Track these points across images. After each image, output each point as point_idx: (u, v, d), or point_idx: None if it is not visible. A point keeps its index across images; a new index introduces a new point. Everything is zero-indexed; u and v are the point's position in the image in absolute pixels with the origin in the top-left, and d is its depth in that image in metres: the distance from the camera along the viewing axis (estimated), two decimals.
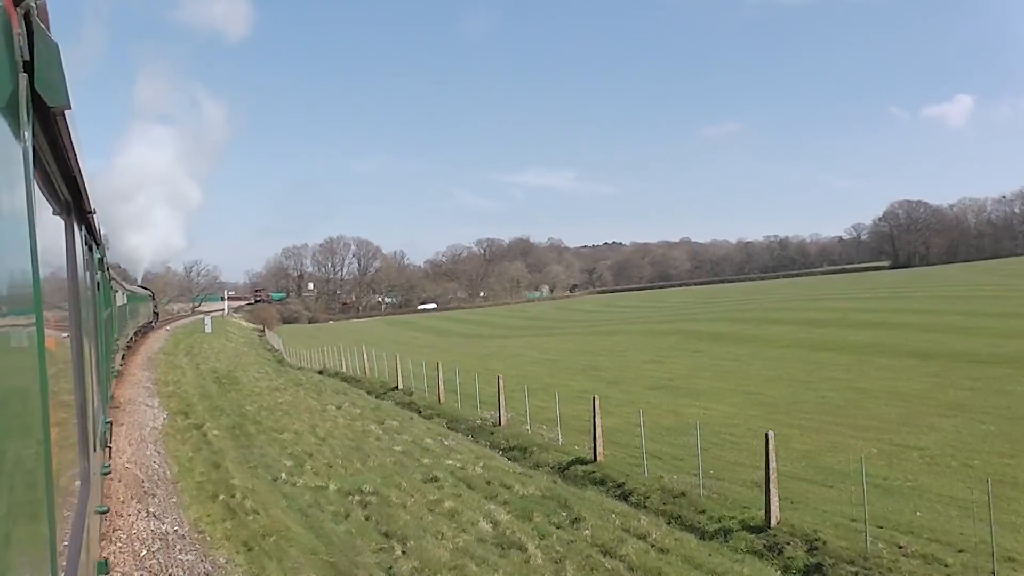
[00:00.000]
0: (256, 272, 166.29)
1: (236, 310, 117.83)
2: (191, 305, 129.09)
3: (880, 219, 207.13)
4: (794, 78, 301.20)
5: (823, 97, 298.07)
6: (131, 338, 32.04)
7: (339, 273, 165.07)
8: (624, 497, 13.22)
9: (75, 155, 3.04)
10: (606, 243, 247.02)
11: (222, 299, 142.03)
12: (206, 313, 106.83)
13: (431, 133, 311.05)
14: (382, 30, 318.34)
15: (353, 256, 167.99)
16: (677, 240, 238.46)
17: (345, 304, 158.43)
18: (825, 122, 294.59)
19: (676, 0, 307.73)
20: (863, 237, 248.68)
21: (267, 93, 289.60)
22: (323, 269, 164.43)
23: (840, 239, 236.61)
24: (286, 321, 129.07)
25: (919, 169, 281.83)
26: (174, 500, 11.15)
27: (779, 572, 9.67)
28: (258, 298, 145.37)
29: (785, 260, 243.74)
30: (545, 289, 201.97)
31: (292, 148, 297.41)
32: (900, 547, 9.73)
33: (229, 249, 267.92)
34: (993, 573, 8.75)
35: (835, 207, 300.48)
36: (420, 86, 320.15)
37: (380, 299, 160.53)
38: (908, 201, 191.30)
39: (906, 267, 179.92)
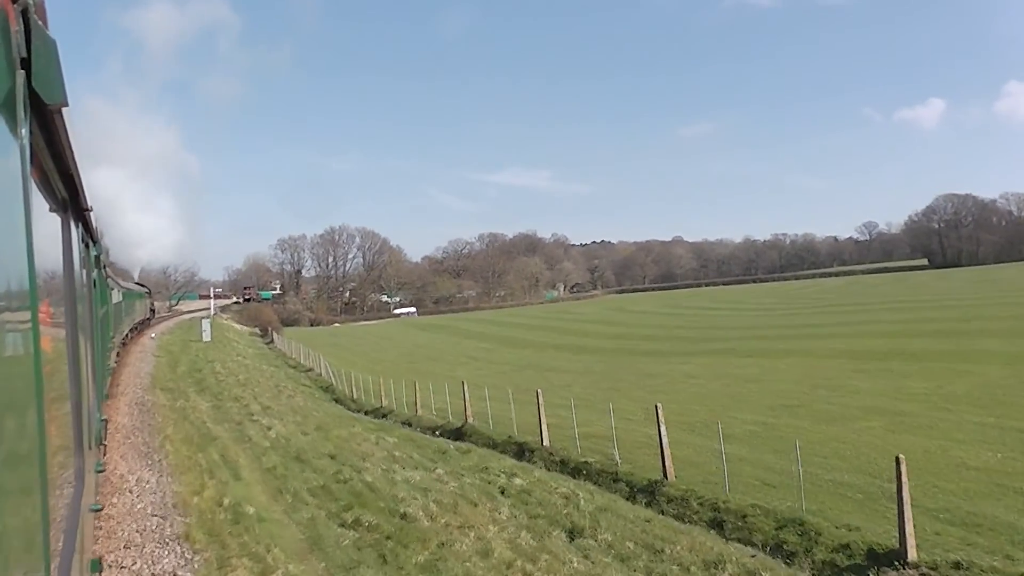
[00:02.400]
0: (236, 268, 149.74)
1: (223, 310, 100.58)
2: (168, 304, 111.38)
3: (918, 214, 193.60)
4: (770, 80, 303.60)
5: (800, 100, 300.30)
6: (126, 335, 30.82)
7: (342, 268, 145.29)
8: None
9: (72, 153, 3.00)
10: (594, 241, 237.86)
11: (200, 297, 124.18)
12: (194, 313, 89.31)
13: (408, 132, 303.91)
14: (358, 28, 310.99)
15: (357, 248, 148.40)
16: (670, 239, 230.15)
17: (348, 303, 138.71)
18: (802, 124, 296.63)
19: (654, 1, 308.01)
20: (872, 235, 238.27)
21: (243, 88, 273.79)
22: (323, 264, 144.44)
23: (835, 239, 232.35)
24: (284, 323, 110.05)
25: (895, 171, 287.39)
26: None
27: None
28: (247, 296, 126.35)
29: (794, 259, 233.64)
30: (561, 288, 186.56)
31: (268, 145, 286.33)
32: None
33: (205, 245, 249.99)
34: None
35: (810, 208, 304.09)
36: (397, 84, 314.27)
37: (388, 298, 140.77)
38: (955, 195, 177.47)
39: (955, 266, 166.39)
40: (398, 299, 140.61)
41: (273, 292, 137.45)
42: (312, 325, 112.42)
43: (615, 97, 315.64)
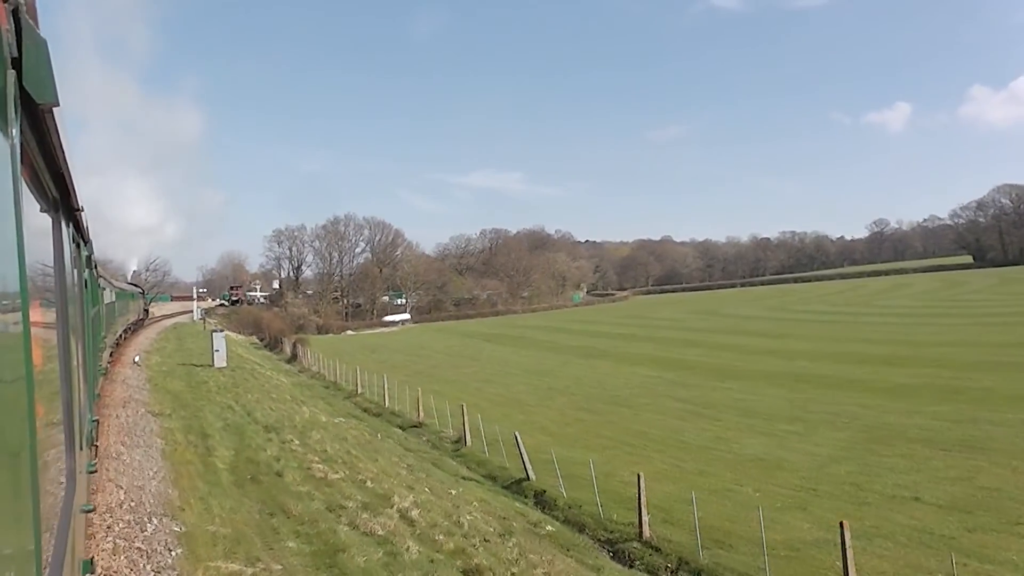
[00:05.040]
0: (210, 268, 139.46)
1: (207, 313, 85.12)
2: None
3: (966, 208, 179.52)
4: (739, 84, 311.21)
5: (771, 104, 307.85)
6: (120, 336, 29.34)
7: (348, 264, 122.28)
8: None
9: (63, 152, 2.94)
10: (578, 241, 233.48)
11: (172, 299, 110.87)
12: (175, 319, 74.10)
13: (377, 134, 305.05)
14: (326, 25, 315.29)
15: (366, 242, 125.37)
16: (658, 238, 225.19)
17: (357, 306, 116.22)
18: (774, 127, 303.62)
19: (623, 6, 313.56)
20: (886, 232, 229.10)
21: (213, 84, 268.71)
22: (326, 259, 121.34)
23: (829, 238, 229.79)
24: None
25: (862, 170, 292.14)
26: None
27: None
28: (235, 297, 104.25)
29: (804, 259, 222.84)
30: (584, 288, 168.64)
31: (234, 143, 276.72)
32: None
33: (178, 243, 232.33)
34: None
35: (789, 209, 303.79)
36: (368, 85, 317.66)
37: (404, 299, 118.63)
38: (1015, 185, 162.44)
39: (1017, 263, 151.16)
40: (413, 301, 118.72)
41: (252, 293, 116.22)
42: (320, 332, 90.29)
43: (586, 101, 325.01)
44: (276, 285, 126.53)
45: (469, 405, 28.22)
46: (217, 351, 33.12)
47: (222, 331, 35.40)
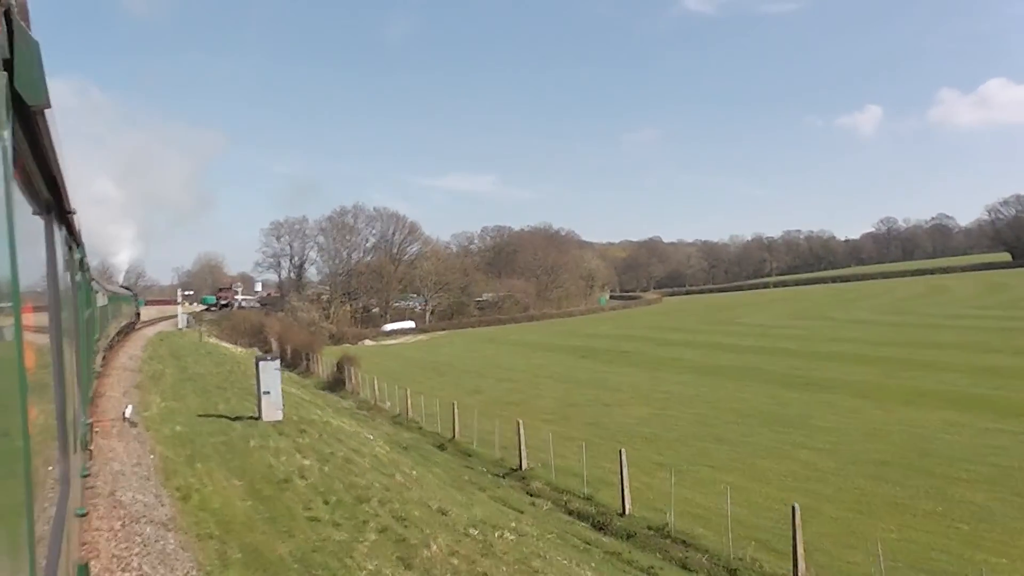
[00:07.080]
0: (185, 269, 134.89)
1: (196, 319, 76.94)
2: None
3: (1004, 203, 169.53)
4: (712, 87, 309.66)
5: (743, 108, 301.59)
6: (113, 339, 29.36)
7: (357, 261, 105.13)
8: None
9: (55, 155, 2.92)
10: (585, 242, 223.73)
11: (146, 303, 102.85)
12: (157, 327, 61.76)
13: (349, 136, 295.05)
14: (299, 23, 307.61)
15: (379, 237, 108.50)
16: (648, 238, 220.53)
17: (367, 310, 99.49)
18: (749, 130, 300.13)
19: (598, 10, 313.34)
20: (892, 231, 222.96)
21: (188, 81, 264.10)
22: (332, 256, 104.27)
23: (845, 239, 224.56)
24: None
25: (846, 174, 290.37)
26: None
27: None
28: (224, 301, 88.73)
29: (811, 259, 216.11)
30: (608, 290, 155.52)
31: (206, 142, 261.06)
32: None
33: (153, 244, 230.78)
34: None
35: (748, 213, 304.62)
36: (340, 85, 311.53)
37: (424, 304, 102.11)
38: None
39: None
40: (433, 304, 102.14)
41: (238, 296, 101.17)
42: (334, 341, 73.75)
43: (559, 103, 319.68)
44: (258, 288, 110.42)
45: (803, 509, 12.45)
46: (267, 393, 17.53)
47: (276, 360, 18.99)
